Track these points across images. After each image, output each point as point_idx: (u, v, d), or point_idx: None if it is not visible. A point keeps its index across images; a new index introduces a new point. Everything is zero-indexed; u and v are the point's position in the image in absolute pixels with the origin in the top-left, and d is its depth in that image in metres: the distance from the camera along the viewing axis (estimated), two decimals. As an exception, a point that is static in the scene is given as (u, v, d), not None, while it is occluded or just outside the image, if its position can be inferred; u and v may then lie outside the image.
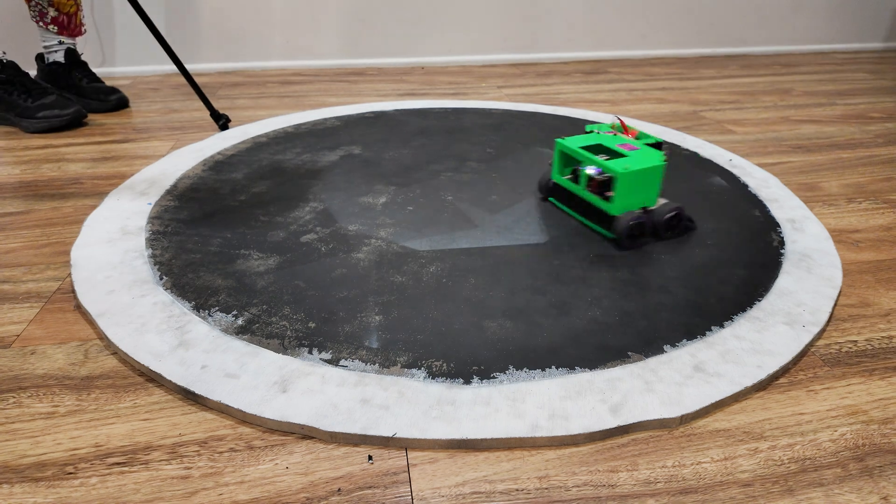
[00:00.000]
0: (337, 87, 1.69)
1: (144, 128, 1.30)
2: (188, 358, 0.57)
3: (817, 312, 0.66)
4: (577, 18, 2.04)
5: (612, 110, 1.45)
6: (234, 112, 1.40)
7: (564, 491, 0.45)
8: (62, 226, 0.86)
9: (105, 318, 0.63)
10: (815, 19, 2.22)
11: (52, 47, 1.40)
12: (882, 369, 0.59)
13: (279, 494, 0.45)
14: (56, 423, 0.51)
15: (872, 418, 0.53)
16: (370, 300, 0.66)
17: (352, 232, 0.81)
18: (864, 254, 0.80)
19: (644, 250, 0.78)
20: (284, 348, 0.58)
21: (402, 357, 0.57)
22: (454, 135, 1.22)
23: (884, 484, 0.46)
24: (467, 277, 0.71)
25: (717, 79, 1.82)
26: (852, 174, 1.07)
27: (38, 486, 0.46)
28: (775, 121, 1.39)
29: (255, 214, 0.86)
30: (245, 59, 1.89)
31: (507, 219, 0.86)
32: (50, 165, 1.08)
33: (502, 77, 1.84)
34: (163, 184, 0.96)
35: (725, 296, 0.68)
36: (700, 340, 0.61)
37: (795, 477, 0.47)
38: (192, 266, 0.73)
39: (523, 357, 0.58)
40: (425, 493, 0.45)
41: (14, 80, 1.26)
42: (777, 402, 0.55)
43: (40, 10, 1.35)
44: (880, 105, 1.53)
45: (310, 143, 1.16)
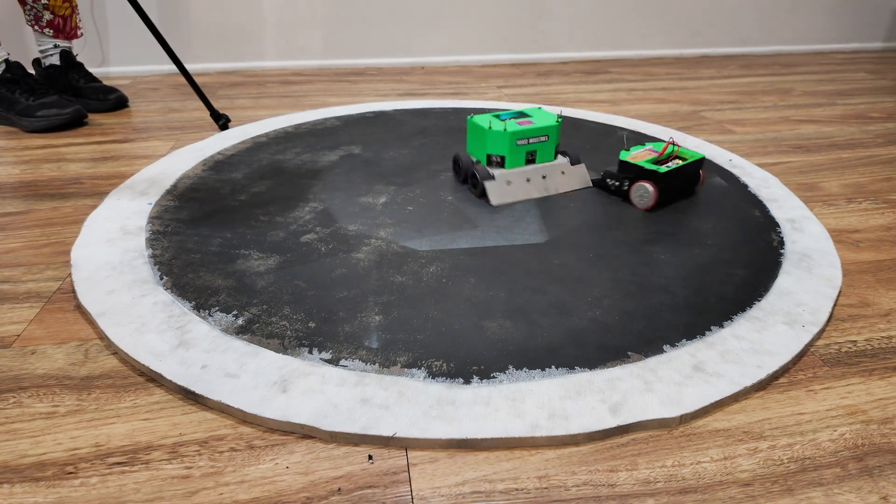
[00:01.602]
0: (337, 87, 1.69)
1: (144, 128, 1.30)
2: (188, 358, 0.57)
3: (817, 312, 0.66)
4: (577, 18, 2.04)
5: (612, 110, 1.45)
6: (233, 112, 1.40)
7: (564, 491, 0.45)
8: (62, 226, 0.86)
9: (105, 318, 0.63)
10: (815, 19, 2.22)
11: (48, 51, 1.40)
12: (882, 369, 0.59)
13: (279, 494, 0.45)
14: (56, 423, 0.51)
15: (872, 418, 0.53)
16: (370, 300, 0.66)
17: (352, 232, 0.81)
18: (864, 254, 0.80)
19: (644, 250, 0.78)
20: (284, 348, 0.58)
21: (402, 357, 0.57)
22: (454, 135, 1.22)
23: (883, 484, 0.46)
24: (467, 277, 0.71)
25: (717, 79, 1.82)
26: (852, 174, 1.07)
27: (39, 486, 0.46)
28: (775, 121, 1.39)
29: (255, 214, 0.86)
30: (245, 59, 1.89)
31: (507, 219, 0.86)
32: (50, 165, 1.08)
33: (502, 77, 1.84)
34: (163, 184, 0.96)
35: (725, 296, 0.68)
36: (700, 340, 0.61)
37: (795, 477, 0.47)
38: (193, 266, 0.73)
39: (523, 357, 0.58)
40: (425, 493, 0.45)
41: (19, 79, 1.26)
42: (777, 401, 0.55)
43: (35, 13, 1.35)
44: (880, 105, 1.53)
45: (310, 143, 1.16)
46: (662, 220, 0.86)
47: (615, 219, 0.86)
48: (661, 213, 0.88)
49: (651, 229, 0.83)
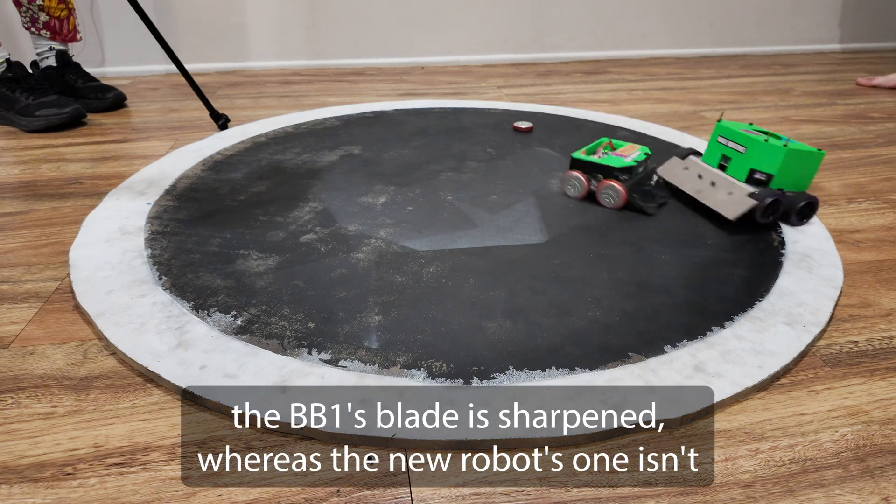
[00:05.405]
0: (337, 87, 1.69)
1: (143, 128, 1.30)
2: (187, 358, 0.57)
3: (818, 312, 0.65)
4: (577, 18, 2.04)
5: (612, 110, 1.45)
6: (233, 112, 1.40)
7: (564, 491, 0.45)
8: (61, 226, 0.86)
9: (104, 319, 0.63)
10: (815, 19, 2.22)
11: (45, 53, 1.40)
12: (883, 369, 0.59)
13: (278, 495, 0.45)
14: (55, 424, 0.51)
15: (873, 419, 0.53)
16: (370, 300, 0.66)
17: (351, 232, 0.81)
18: (865, 254, 0.80)
19: (644, 250, 0.78)
20: (284, 349, 0.58)
21: (402, 357, 0.57)
22: (454, 135, 1.22)
23: (885, 484, 0.46)
24: (467, 277, 0.71)
25: (717, 79, 1.82)
26: (852, 174, 1.07)
27: (37, 487, 0.45)
28: (775, 121, 1.39)
29: (254, 214, 0.86)
30: (244, 58, 1.89)
31: (507, 219, 0.86)
32: (49, 165, 1.07)
33: (502, 77, 1.84)
34: (162, 184, 0.96)
35: (726, 296, 0.68)
36: (700, 341, 0.61)
37: (796, 478, 0.47)
38: (192, 266, 0.72)
39: (523, 357, 0.57)
40: (425, 494, 0.45)
41: (20, 78, 1.26)
42: (778, 402, 0.55)
43: (31, 15, 1.34)
44: (880, 105, 1.53)
45: (309, 143, 1.16)
46: (662, 221, 0.86)
47: (615, 219, 0.86)
48: (662, 214, 0.88)
49: (651, 229, 0.83)
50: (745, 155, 0.84)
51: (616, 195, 0.87)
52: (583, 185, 0.89)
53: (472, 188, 0.96)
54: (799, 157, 0.83)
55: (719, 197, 0.85)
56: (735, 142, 0.86)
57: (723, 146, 0.88)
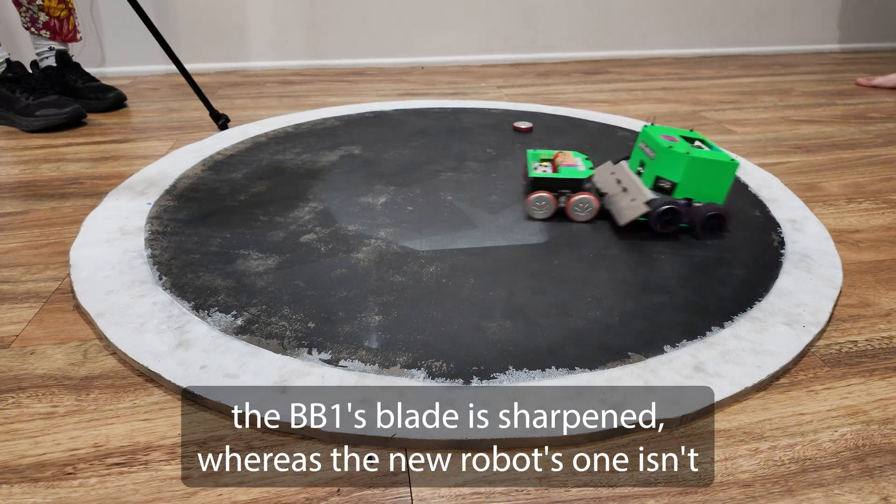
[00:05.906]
0: (337, 87, 1.69)
1: (144, 128, 1.30)
2: (187, 358, 0.57)
3: (817, 313, 0.65)
4: (577, 18, 2.04)
5: (612, 110, 1.45)
6: (233, 112, 1.40)
7: (564, 491, 0.45)
8: (61, 226, 0.86)
9: (104, 318, 0.63)
10: (815, 19, 2.22)
11: (44, 53, 1.40)
12: (882, 369, 0.59)
13: (279, 495, 0.45)
14: (55, 424, 0.51)
15: (873, 418, 0.53)
16: (370, 300, 0.66)
17: (351, 232, 0.81)
18: (865, 254, 0.80)
19: (644, 250, 0.78)
20: (284, 348, 0.58)
21: (402, 357, 0.57)
22: (454, 135, 1.22)
23: (884, 484, 0.46)
24: (467, 277, 0.71)
25: (717, 79, 1.82)
26: (852, 174, 1.07)
27: (38, 487, 0.45)
28: (775, 121, 1.39)
29: (254, 214, 0.86)
30: (244, 58, 1.89)
31: (507, 219, 0.86)
32: (49, 165, 1.08)
33: (502, 77, 1.84)
34: (162, 184, 0.96)
35: (725, 296, 0.68)
36: (700, 341, 0.61)
37: (796, 477, 0.47)
38: (192, 266, 0.72)
39: (523, 357, 0.57)
40: (425, 494, 0.45)
41: (20, 78, 1.26)
42: (777, 402, 0.55)
43: (31, 15, 1.34)
44: (880, 105, 1.53)
45: (309, 143, 1.16)
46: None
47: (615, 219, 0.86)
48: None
49: (651, 229, 0.83)
50: (654, 161, 0.80)
51: (591, 207, 0.84)
52: (551, 204, 0.85)
53: (472, 188, 0.96)
54: (705, 167, 0.77)
55: (622, 203, 0.82)
56: (650, 148, 0.81)
57: (642, 152, 0.84)
